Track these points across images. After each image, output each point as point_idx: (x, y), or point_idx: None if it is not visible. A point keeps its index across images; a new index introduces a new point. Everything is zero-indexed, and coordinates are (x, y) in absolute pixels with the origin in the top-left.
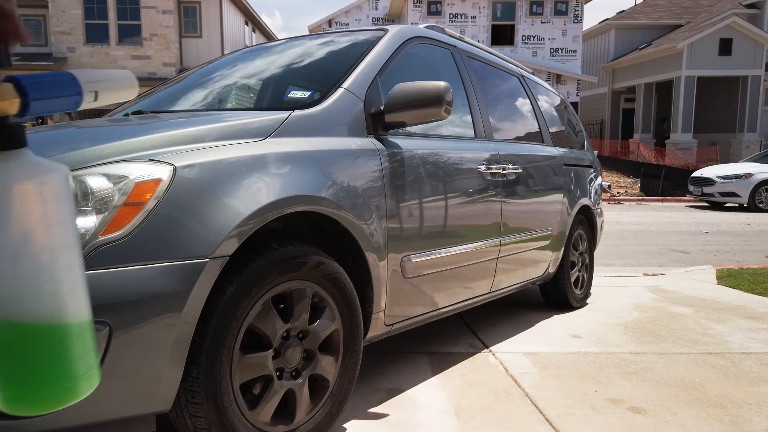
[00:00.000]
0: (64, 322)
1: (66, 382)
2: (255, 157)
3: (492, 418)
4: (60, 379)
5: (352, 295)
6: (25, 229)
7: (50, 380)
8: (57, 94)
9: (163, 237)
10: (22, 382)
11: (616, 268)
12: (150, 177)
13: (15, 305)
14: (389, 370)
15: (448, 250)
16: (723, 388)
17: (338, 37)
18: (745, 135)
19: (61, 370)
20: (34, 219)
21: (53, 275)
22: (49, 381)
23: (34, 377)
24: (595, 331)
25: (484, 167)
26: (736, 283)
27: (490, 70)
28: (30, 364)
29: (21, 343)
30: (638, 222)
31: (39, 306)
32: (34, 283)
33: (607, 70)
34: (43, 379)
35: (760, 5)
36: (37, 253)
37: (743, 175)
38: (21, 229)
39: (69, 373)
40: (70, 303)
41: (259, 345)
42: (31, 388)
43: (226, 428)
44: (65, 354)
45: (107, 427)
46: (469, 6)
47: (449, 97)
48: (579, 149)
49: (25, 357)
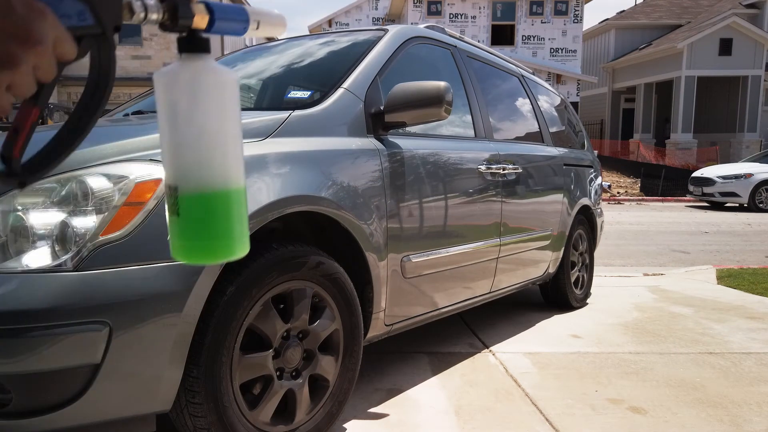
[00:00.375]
0: (231, 188)
1: (227, 239)
2: (255, 157)
3: (492, 418)
4: (223, 236)
5: (352, 295)
6: (208, 113)
7: (216, 237)
8: (233, 17)
9: (164, 237)
10: (194, 238)
11: (616, 268)
12: (150, 177)
13: (195, 175)
14: (389, 370)
15: (448, 250)
16: (723, 388)
17: (338, 37)
18: (745, 135)
19: (225, 229)
20: (214, 105)
21: (224, 150)
22: (215, 238)
23: (204, 235)
24: (595, 331)
25: (484, 167)
26: (736, 283)
27: (490, 70)
28: (203, 224)
29: (198, 207)
30: (638, 222)
31: (213, 176)
32: (210, 157)
33: (607, 70)
34: (210, 236)
35: (760, 5)
36: (215, 132)
37: (743, 175)
38: (204, 113)
39: (230, 233)
40: (234, 173)
41: (259, 345)
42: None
43: (226, 428)
44: (229, 215)
45: (107, 427)
46: (469, 6)
47: (449, 97)
48: (579, 149)
49: (200, 218)
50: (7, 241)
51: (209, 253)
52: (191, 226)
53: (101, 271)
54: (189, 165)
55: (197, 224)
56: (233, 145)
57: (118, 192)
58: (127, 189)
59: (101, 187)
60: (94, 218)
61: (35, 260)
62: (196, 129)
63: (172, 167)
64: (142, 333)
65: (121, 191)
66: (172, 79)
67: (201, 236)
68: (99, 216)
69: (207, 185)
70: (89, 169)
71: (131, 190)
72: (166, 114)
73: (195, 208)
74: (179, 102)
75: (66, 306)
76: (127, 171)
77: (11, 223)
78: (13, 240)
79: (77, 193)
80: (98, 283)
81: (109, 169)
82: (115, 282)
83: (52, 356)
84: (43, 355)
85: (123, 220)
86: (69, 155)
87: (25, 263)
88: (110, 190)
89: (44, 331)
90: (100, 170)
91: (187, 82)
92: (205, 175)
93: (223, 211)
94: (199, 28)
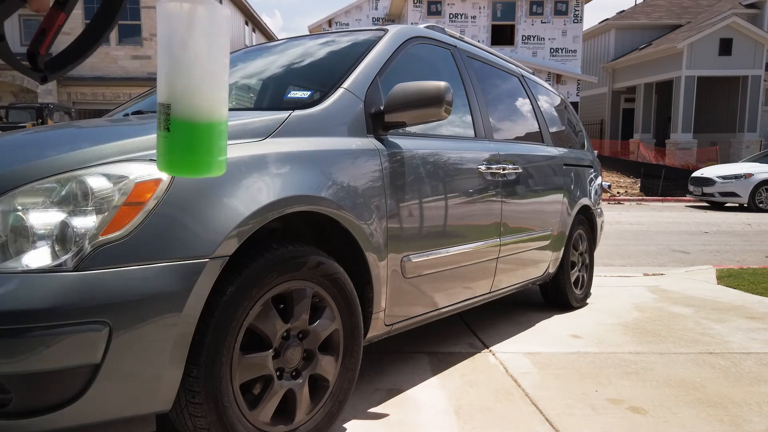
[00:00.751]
0: (216, 119)
1: (207, 160)
2: (255, 157)
3: (492, 418)
4: (204, 157)
5: (352, 295)
6: (201, 42)
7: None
8: None
9: (163, 237)
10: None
11: (616, 268)
12: (150, 177)
13: (186, 102)
14: (389, 370)
15: (448, 250)
16: (723, 388)
17: (338, 37)
18: (745, 135)
19: (207, 150)
20: (207, 35)
21: (212, 79)
22: (197, 156)
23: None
24: (595, 331)
25: (484, 167)
26: (736, 283)
27: (490, 70)
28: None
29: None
30: (638, 222)
31: (201, 104)
32: (200, 84)
33: (607, 70)
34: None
35: (760, 5)
36: (206, 60)
37: (743, 175)
38: (198, 41)
39: (210, 155)
40: (219, 105)
41: (259, 345)
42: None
43: (226, 428)
44: (211, 140)
45: (107, 427)
46: (469, 6)
47: (449, 97)
48: (579, 149)
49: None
50: (7, 241)
51: (190, 168)
52: (178, 144)
53: (101, 271)
54: (182, 89)
55: (183, 144)
56: (220, 75)
57: (118, 192)
58: (127, 189)
59: (101, 187)
60: (94, 218)
61: (35, 260)
62: (190, 54)
63: (167, 88)
64: (142, 333)
65: (121, 191)
66: (173, 7)
67: (184, 153)
68: (99, 216)
69: (195, 113)
70: (89, 169)
71: (131, 190)
72: (165, 39)
73: (183, 132)
74: (177, 29)
75: (66, 306)
76: (127, 171)
77: (11, 223)
78: (13, 240)
79: (77, 193)
80: (98, 283)
81: (109, 169)
82: (115, 282)
83: (52, 356)
84: (43, 355)
85: (123, 220)
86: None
87: (25, 263)
88: (110, 190)
89: (44, 331)
90: (100, 170)
91: (186, 12)
92: (195, 103)
93: (207, 136)
94: None
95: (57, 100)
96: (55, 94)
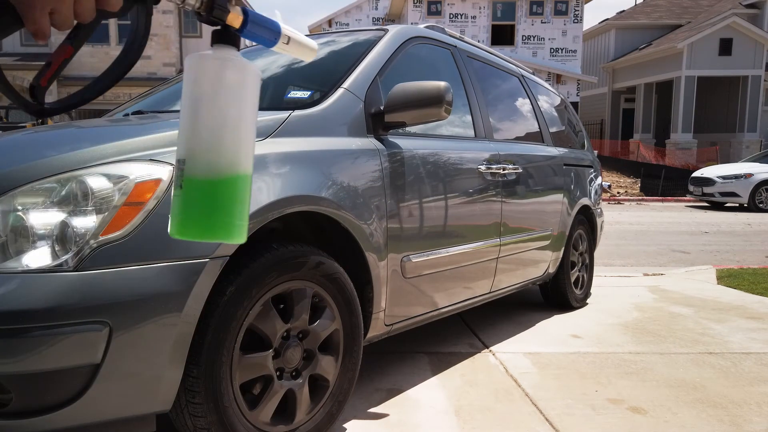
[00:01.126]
0: (235, 173)
1: (227, 218)
2: (255, 157)
3: (492, 418)
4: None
5: (352, 295)
6: (228, 102)
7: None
8: (266, 25)
9: (163, 237)
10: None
11: (616, 268)
12: (150, 177)
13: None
14: (389, 370)
15: (448, 250)
16: (723, 388)
17: (338, 37)
18: (745, 135)
19: (224, 211)
20: (235, 96)
21: (237, 139)
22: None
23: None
24: (595, 331)
25: (484, 167)
26: (736, 283)
27: (490, 70)
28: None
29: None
30: (638, 222)
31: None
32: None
33: (607, 70)
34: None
35: (760, 5)
36: (231, 121)
37: (743, 175)
38: (225, 102)
39: (231, 214)
40: (242, 158)
41: (259, 345)
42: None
43: (226, 428)
44: (230, 198)
45: (107, 427)
46: (469, 6)
47: (449, 97)
48: (579, 149)
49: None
50: (7, 241)
51: (203, 231)
52: (189, 204)
53: (101, 271)
54: (200, 145)
55: (195, 204)
56: (246, 131)
57: (118, 192)
58: (127, 189)
59: (101, 187)
60: (94, 218)
61: (35, 260)
62: (213, 112)
63: (185, 143)
64: (142, 333)
65: (121, 191)
66: (201, 64)
67: (197, 214)
68: (99, 216)
69: (211, 170)
70: (89, 169)
71: (131, 190)
72: (191, 95)
73: (195, 190)
74: (204, 87)
75: (66, 306)
76: (127, 171)
77: (11, 223)
78: (13, 240)
79: (77, 193)
80: (98, 283)
81: (109, 169)
82: (115, 282)
83: (52, 356)
84: (43, 355)
85: (123, 220)
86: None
87: (25, 263)
88: (110, 190)
89: (44, 331)
90: (100, 170)
91: (214, 71)
92: (212, 159)
93: (224, 194)
94: (232, 26)
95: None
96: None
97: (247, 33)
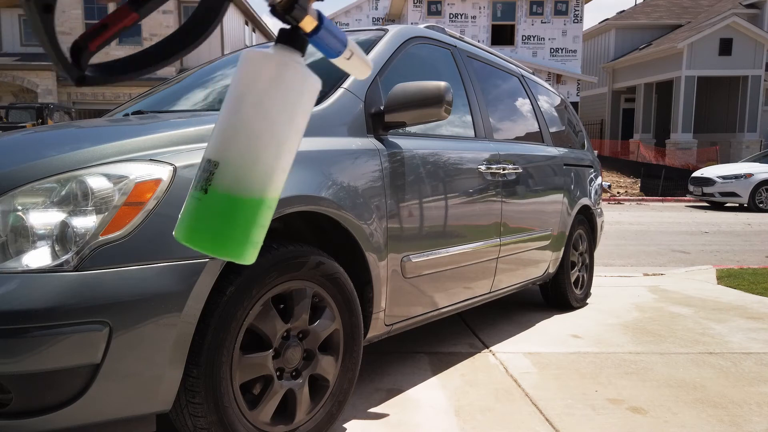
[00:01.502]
0: (263, 197)
1: (243, 237)
2: None
3: (492, 419)
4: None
5: (352, 295)
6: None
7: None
8: (336, 37)
9: (164, 237)
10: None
11: (616, 268)
12: (150, 177)
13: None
14: (389, 370)
15: (448, 250)
16: (723, 388)
17: None
18: (745, 135)
19: (242, 229)
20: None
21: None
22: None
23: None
24: (595, 331)
25: (484, 167)
26: (736, 283)
27: (490, 70)
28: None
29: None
30: (638, 222)
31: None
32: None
33: (607, 70)
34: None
35: (760, 5)
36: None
37: (743, 175)
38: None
39: (247, 234)
40: (273, 183)
41: (259, 345)
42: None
43: (226, 428)
44: (252, 219)
45: (107, 427)
46: (469, 6)
47: (449, 97)
48: (579, 149)
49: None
50: (7, 241)
51: (214, 245)
52: (209, 214)
53: (101, 271)
54: (237, 153)
55: (216, 215)
56: (288, 151)
57: (118, 192)
58: (127, 189)
59: (101, 187)
60: (94, 218)
61: (35, 260)
62: (260, 117)
63: (220, 145)
64: (142, 333)
65: (121, 191)
66: (260, 60)
67: (215, 226)
68: (99, 216)
69: (241, 185)
70: (89, 169)
71: (131, 190)
72: (238, 92)
73: (220, 202)
74: (257, 86)
75: (66, 306)
76: (127, 171)
77: (11, 223)
78: (13, 240)
79: (77, 193)
80: (98, 283)
81: (109, 169)
82: (115, 282)
83: (52, 356)
84: (43, 355)
85: (123, 220)
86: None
87: (25, 263)
88: (110, 190)
89: (44, 331)
90: (100, 170)
91: (274, 71)
92: (245, 174)
93: (248, 214)
94: (303, 29)
95: (57, 100)
96: (55, 94)
97: (316, 39)
